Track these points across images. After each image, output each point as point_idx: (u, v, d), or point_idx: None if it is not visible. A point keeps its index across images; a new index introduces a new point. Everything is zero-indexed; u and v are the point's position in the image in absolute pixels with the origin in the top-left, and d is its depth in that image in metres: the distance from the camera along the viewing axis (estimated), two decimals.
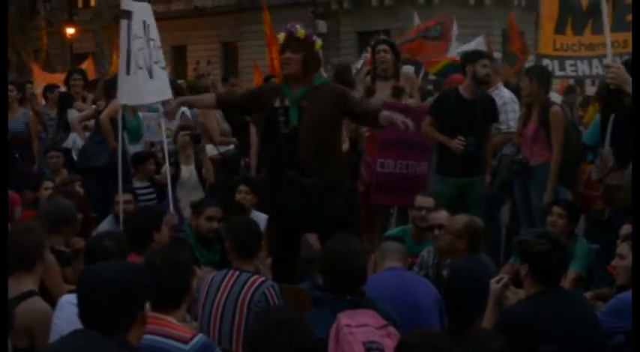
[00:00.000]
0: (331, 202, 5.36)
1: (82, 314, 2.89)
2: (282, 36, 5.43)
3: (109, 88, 9.37)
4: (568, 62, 9.07)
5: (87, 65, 17.10)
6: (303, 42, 5.37)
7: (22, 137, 9.16)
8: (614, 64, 5.59)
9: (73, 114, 9.53)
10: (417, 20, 14.82)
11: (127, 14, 7.09)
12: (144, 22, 7.22)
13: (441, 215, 5.83)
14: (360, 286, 4.11)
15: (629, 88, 5.29)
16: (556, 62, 9.10)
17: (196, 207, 6.29)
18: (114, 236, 4.77)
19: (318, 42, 5.50)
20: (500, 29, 25.46)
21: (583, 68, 8.79)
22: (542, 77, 7.16)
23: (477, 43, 13.28)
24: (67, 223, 5.64)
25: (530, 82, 7.01)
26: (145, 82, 7.16)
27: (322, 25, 32.58)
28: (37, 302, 4.10)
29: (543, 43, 9.17)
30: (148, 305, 3.07)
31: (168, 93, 7.49)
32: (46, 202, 6.24)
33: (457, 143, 7.06)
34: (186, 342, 3.57)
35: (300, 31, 5.36)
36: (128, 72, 7.08)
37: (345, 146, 7.88)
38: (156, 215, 5.50)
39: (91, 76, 14.94)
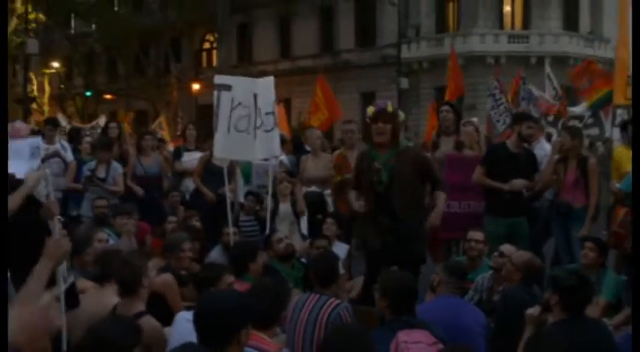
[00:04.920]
0: (416, 242, 5.69)
1: (198, 330, 3.16)
2: (371, 109, 5.75)
3: None
4: None
5: None
6: (392, 115, 5.72)
7: (157, 178, 9.26)
8: None
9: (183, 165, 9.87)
10: (547, 69, 14.35)
11: (225, 87, 7.39)
12: (254, 95, 7.41)
13: (509, 248, 5.88)
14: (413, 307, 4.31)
15: None
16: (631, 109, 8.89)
17: (265, 242, 6.72)
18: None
19: (402, 115, 5.89)
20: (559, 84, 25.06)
21: None
22: (581, 135, 7.33)
23: None
24: (177, 248, 5.90)
25: (573, 139, 7.12)
26: (247, 142, 7.39)
27: (404, 82, 32.80)
28: (151, 321, 4.23)
29: (617, 94, 8.89)
30: None
31: (275, 151, 7.79)
32: (170, 235, 6.57)
33: (515, 183, 7.08)
34: None
35: (390, 106, 5.72)
36: (228, 131, 7.35)
37: None
38: (251, 248, 5.68)
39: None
